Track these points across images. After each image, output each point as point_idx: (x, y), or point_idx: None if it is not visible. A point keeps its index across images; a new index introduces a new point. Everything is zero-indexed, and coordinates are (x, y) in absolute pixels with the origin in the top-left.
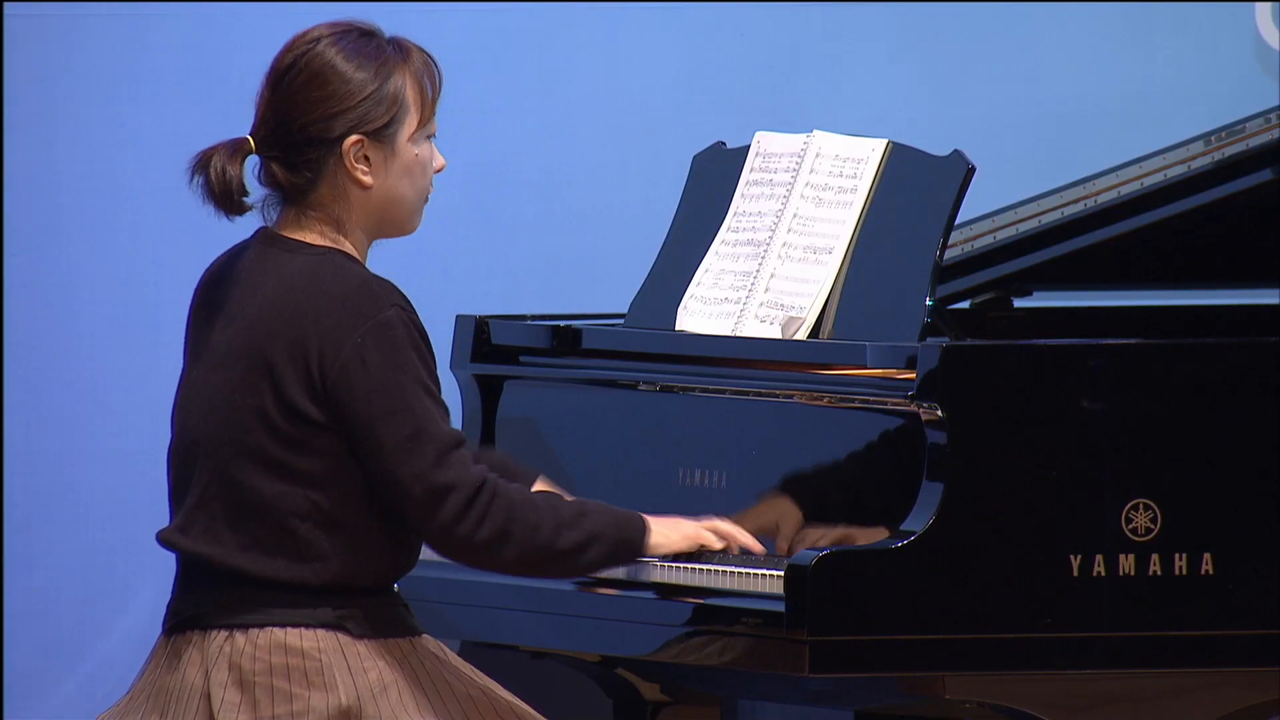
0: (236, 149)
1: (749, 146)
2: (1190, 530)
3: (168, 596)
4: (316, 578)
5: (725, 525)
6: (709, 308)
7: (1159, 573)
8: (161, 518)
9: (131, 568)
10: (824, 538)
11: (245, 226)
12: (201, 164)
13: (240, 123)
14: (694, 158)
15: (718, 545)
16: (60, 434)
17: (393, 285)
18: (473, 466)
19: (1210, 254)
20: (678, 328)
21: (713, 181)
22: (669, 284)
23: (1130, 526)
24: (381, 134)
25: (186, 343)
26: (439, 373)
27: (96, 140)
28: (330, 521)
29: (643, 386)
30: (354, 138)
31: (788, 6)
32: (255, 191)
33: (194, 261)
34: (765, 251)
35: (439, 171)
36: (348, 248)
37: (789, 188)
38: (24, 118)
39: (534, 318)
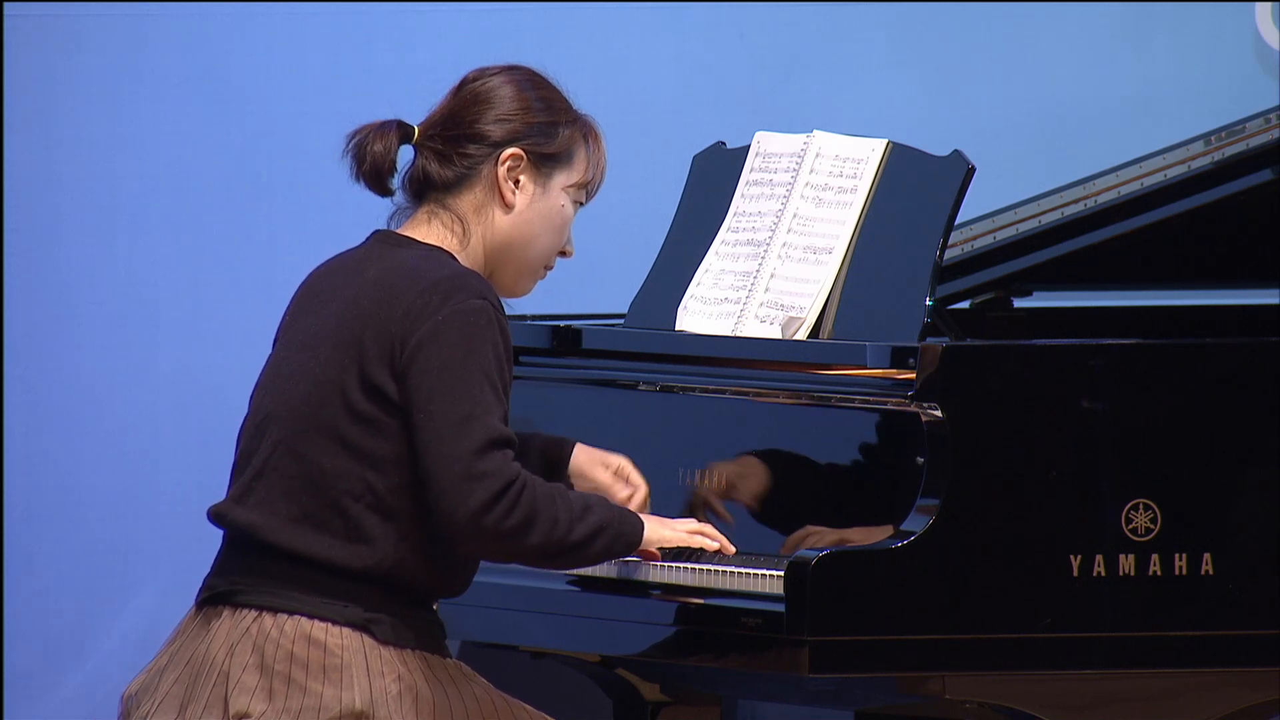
0: (400, 130)
1: (749, 146)
2: (1190, 530)
3: (169, 598)
4: (359, 561)
5: (711, 531)
6: (709, 308)
7: (1159, 573)
8: (163, 518)
9: (131, 568)
10: (824, 538)
11: (254, 230)
12: (358, 139)
13: (240, 123)
14: (694, 158)
15: (712, 546)
16: (60, 434)
17: (489, 284)
18: (512, 463)
19: (1210, 254)
20: (678, 328)
21: (713, 181)
22: (669, 284)
23: (1130, 526)
24: (542, 162)
25: (280, 329)
26: None
27: (96, 140)
28: (383, 507)
29: (643, 386)
30: (515, 150)
31: (788, 6)
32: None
33: (194, 261)
34: (765, 251)
35: (564, 255)
36: (461, 257)
37: (789, 188)
38: (24, 118)
39: (534, 318)
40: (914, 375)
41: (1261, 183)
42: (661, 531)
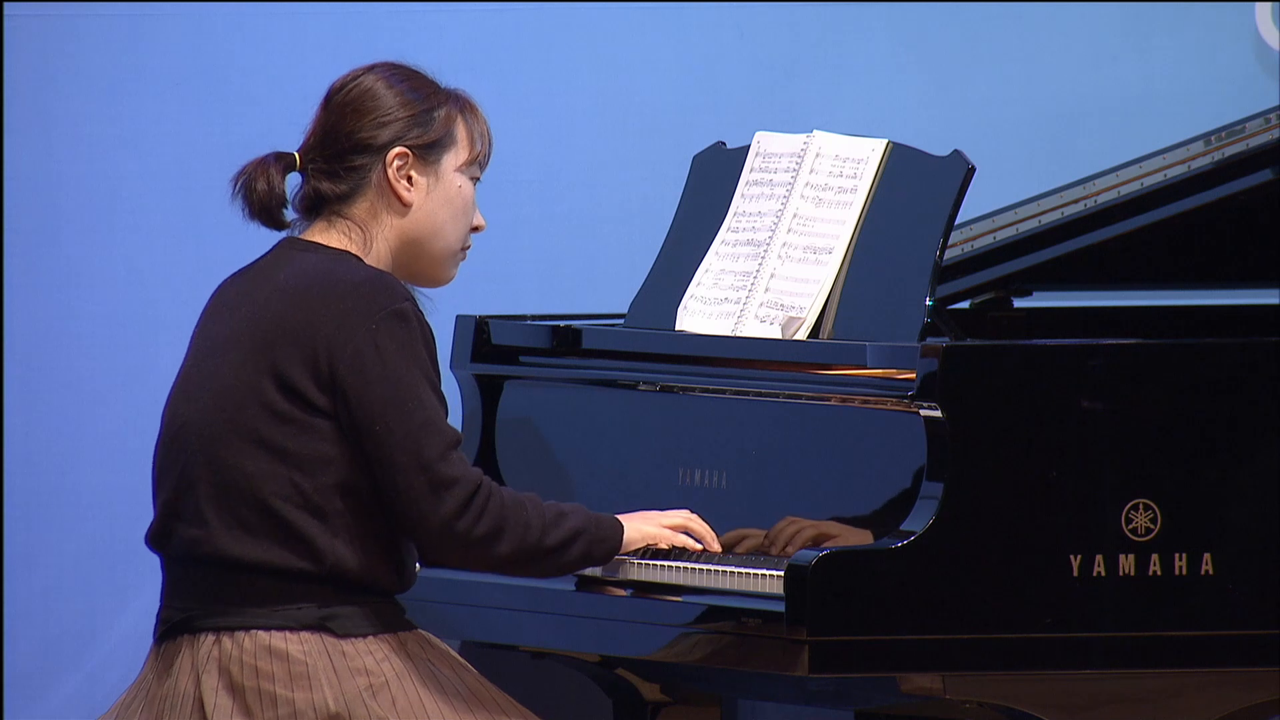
0: (280, 161)
1: (749, 146)
2: (1190, 530)
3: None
4: (300, 562)
5: (697, 524)
6: (709, 308)
7: (1159, 573)
8: None
9: (131, 568)
10: (824, 538)
11: (254, 231)
12: (243, 178)
13: (240, 123)
14: (694, 158)
15: (695, 546)
16: (60, 434)
17: (404, 283)
18: (473, 466)
19: (1210, 254)
20: (678, 328)
21: (713, 181)
22: (669, 284)
23: (1130, 526)
24: (427, 153)
25: (190, 342)
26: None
27: (96, 140)
28: (312, 507)
29: (643, 386)
30: (399, 149)
31: (788, 6)
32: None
33: (194, 261)
34: (765, 251)
35: (477, 230)
36: (367, 259)
37: (789, 188)
38: (24, 118)
39: (534, 318)
40: (914, 375)
41: (1261, 183)
42: (644, 529)
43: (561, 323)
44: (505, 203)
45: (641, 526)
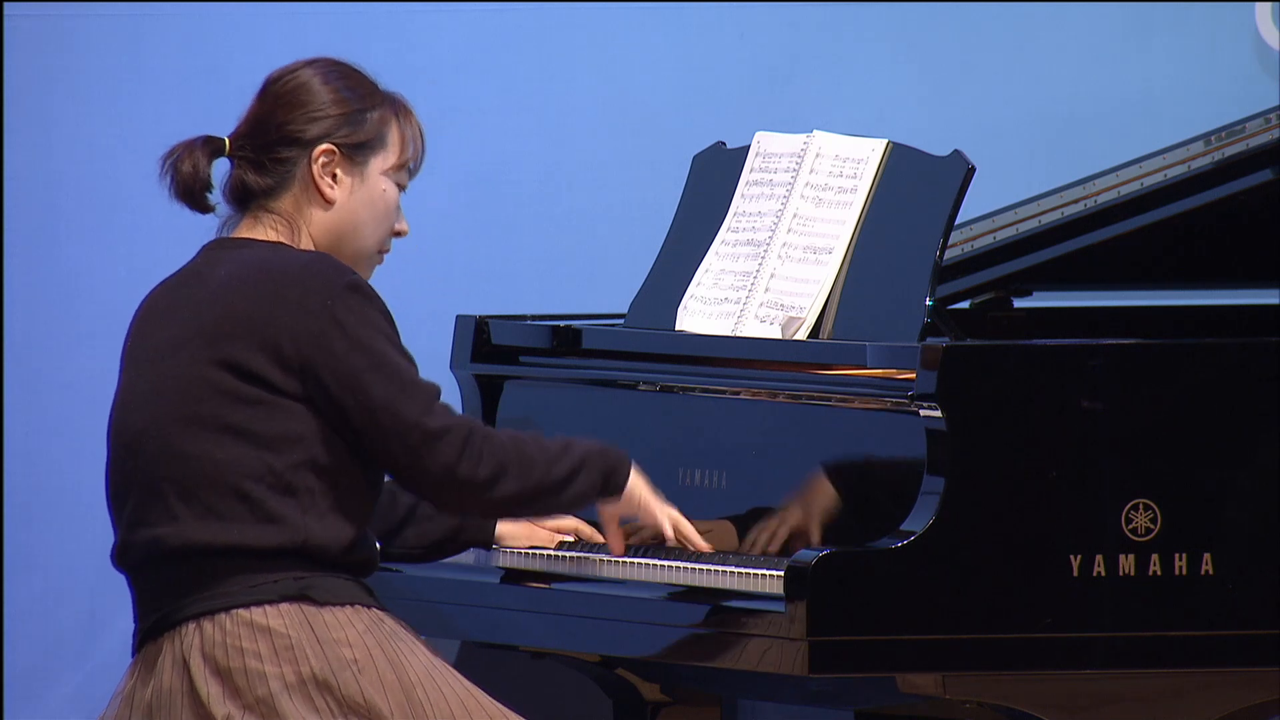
0: (208, 145)
1: (749, 146)
2: (1190, 530)
3: None
4: (273, 539)
5: (686, 526)
6: (709, 308)
7: (1159, 573)
8: None
9: None
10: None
11: None
12: (170, 159)
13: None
14: (694, 158)
15: (699, 544)
16: (60, 434)
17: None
18: (457, 413)
19: (1210, 254)
20: (678, 328)
21: (713, 181)
22: (669, 284)
23: (1130, 526)
24: (355, 153)
25: (123, 355)
26: (434, 374)
27: (96, 140)
28: (284, 485)
29: (643, 386)
30: (326, 145)
31: (788, 6)
32: (220, 207)
33: None
34: (765, 251)
35: (399, 235)
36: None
37: (789, 188)
38: (24, 118)
39: (534, 318)
40: (914, 375)
41: (1261, 183)
42: (650, 498)
43: (561, 323)
44: (505, 203)
45: (647, 492)
